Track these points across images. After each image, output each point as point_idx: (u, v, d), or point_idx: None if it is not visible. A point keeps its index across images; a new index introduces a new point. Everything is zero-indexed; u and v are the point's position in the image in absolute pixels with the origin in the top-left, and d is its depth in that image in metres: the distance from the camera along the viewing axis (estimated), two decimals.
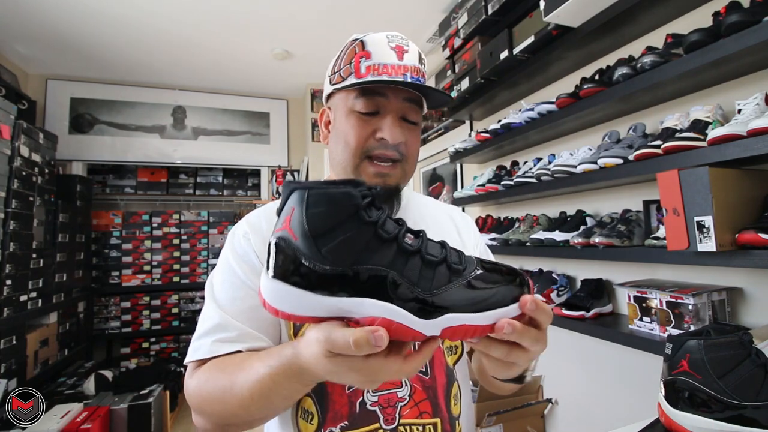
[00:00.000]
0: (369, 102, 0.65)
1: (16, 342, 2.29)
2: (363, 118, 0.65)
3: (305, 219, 0.36)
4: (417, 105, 0.68)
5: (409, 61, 0.65)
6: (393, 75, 0.64)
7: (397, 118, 0.66)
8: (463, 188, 2.33)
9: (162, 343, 3.69)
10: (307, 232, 0.36)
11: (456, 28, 2.21)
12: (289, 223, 0.36)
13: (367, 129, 0.65)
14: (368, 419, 0.59)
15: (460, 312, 0.37)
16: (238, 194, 4.17)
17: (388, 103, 0.65)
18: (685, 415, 0.59)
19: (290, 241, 0.36)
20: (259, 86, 3.79)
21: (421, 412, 0.61)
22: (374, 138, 0.65)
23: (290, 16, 2.59)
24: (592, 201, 1.69)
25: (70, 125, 3.40)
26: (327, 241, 0.36)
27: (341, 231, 0.36)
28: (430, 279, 0.38)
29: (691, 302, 1.12)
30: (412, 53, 0.67)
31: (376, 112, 0.65)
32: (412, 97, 0.66)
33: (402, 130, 0.66)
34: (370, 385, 0.39)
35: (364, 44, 0.65)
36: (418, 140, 0.71)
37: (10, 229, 2.22)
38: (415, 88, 0.65)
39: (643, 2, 1.22)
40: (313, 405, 0.60)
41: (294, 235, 0.36)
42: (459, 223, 0.80)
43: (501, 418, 1.62)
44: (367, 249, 0.37)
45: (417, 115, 0.69)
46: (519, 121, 1.75)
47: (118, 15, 2.52)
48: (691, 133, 1.08)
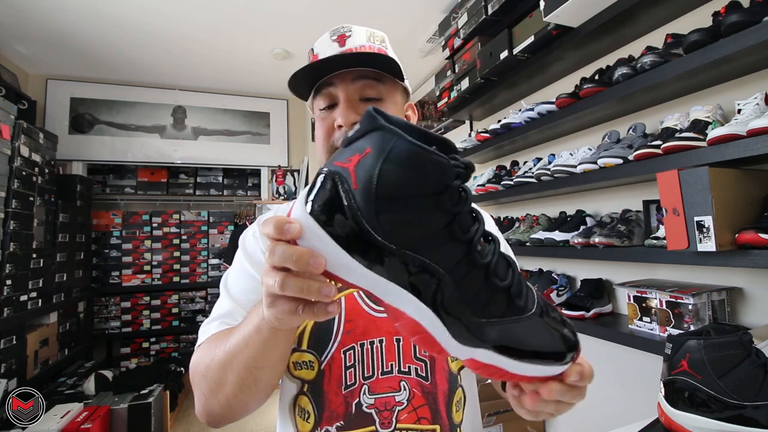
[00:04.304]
0: (323, 97, 0.66)
1: (16, 342, 2.29)
2: (324, 115, 0.66)
3: (377, 172, 0.28)
4: (373, 80, 0.65)
5: (351, 44, 0.66)
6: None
7: (351, 101, 0.64)
8: None
9: (162, 343, 3.69)
10: (373, 188, 0.28)
11: (456, 28, 2.21)
12: (356, 164, 0.29)
13: (328, 122, 0.65)
14: (364, 421, 0.59)
15: (499, 352, 0.33)
16: (238, 194, 4.17)
17: (337, 91, 0.65)
18: (685, 415, 0.59)
19: (348, 185, 0.29)
20: (259, 86, 3.79)
21: (419, 417, 0.60)
22: (335, 129, 0.64)
23: (290, 16, 2.59)
24: (592, 201, 1.69)
25: (70, 125, 3.40)
26: (392, 208, 0.29)
27: (413, 206, 0.29)
28: (485, 303, 0.32)
29: (691, 302, 1.12)
30: (357, 36, 0.67)
31: (334, 104, 0.65)
32: (363, 74, 0.64)
33: (358, 110, 0.63)
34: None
35: (313, 49, 0.69)
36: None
37: (10, 229, 2.22)
38: (351, 62, 0.63)
39: (643, 2, 1.22)
40: (309, 404, 0.60)
41: (355, 181, 0.29)
42: None
43: (501, 418, 1.62)
44: (432, 239, 0.30)
45: (377, 90, 0.65)
46: (519, 121, 1.75)
47: (118, 15, 2.52)
48: (691, 133, 1.08)
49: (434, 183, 0.29)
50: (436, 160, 0.29)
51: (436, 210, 0.30)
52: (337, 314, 0.43)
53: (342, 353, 0.60)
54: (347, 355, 0.60)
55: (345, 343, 0.61)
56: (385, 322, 0.62)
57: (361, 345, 0.61)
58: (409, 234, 0.30)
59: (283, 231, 0.31)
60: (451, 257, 0.31)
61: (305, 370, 0.61)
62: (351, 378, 0.60)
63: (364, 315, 0.62)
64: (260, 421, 2.87)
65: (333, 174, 0.30)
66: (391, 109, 0.67)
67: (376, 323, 0.62)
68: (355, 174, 0.29)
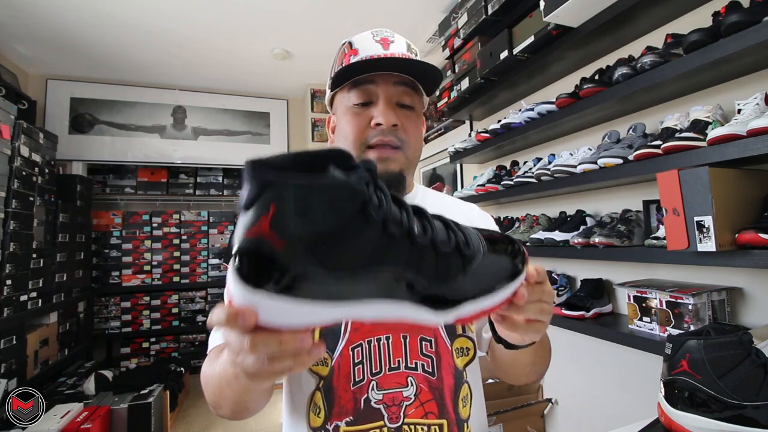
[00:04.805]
0: (361, 92, 0.66)
1: (16, 342, 2.29)
2: (357, 110, 0.67)
3: (292, 226, 0.27)
4: (410, 88, 0.68)
5: (395, 49, 0.68)
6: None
7: (390, 102, 0.66)
8: (463, 188, 2.33)
9: (162, 343, 3.70)
10: (296, 237, 0.27)
11: (456, 28, 2.22)
12: (269, 224, 0.27)
13: (363, 119, 0.66)
14: (372, 416, 0.60)
15: (473, 299, 0.37)
16: (238, 194, 4.17)
17: (378, 90, 0.66)
18: (685, 415, 0.60)
19: (274, 250, 0.27)
20: (259, 86, 3.79)
21: (426, 412, 0.61)
22: (370, 126, 0.66)
23: (290, 16, 2.59)
24: (592, 201, 1.69)
25: (70, 125, 3.40)
26: (325, 248, 0.28)
27: (346, 235, 0.29)
28: (446, 271, 0.35)
29: (691, 302, 1.12)
30: (399, 44, 0.69)
31: (370, 102, 0.67)
32: (404, 80, 0.67)
33: (396, 114, 0.66)
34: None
35: (352, 44, 0.69)
36: (417, 126, 0.71)
37: (10, 229, 2.22)
38: (399, 68, 0.66)
39: (643, 2, 1.22)
40: (321, 399, 0.61)
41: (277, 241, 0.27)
42: (478, 222, 0.78)
43: (501, 418, 1.62)
44: (375, 251, 0.30)
45: (412, 99, 0.69)
46: (519, 121, 1.75)
47: (118, 15, 2.52)
48: (691, 133, 1.08)
49: (352, 206, 0.29)
50: (339, 184, 0.28)
51: (366, 227, 0.30)
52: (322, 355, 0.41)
53: (350, 350, 0.62)
54: (355, 351, 0.62)
55: (353, 340, 0.62)
56: None
57: (369, 342, 0.62)
58: (357, 257, 0.30)
59: (239, 324, 0.29)
60: (400, 254, 0.32)
61: (321, 366, 0.62)
62: (359, 374, 0.61)
63: None
64: (260, 421, 2.87)
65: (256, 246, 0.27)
66: (417, 119, 0.70)
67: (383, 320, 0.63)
68: (272, 237, 0.27)
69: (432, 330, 0.64)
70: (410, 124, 0.68)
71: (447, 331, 0.65)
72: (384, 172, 0.65)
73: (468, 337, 0.67)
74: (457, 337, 0.66)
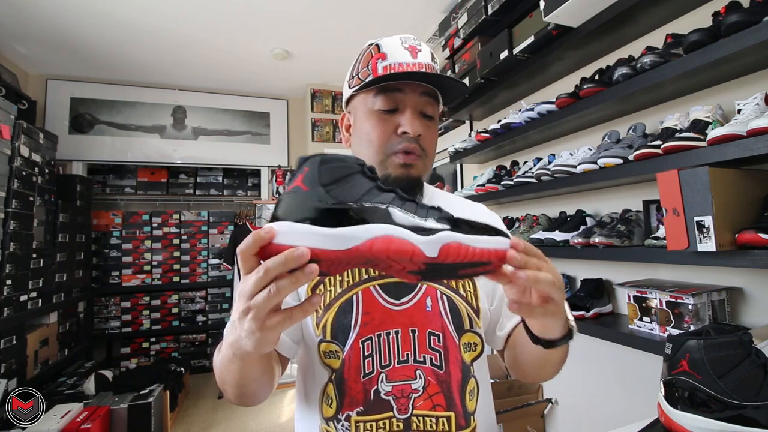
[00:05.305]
0: (388, 99, 0.68)
1: (16, 342, 2.29)
2: (383, 116, 0.69)
3: (317, 174, 0.43)
4: (433, 99, 0.71)
5: (422, 59, 0.70)
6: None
7: (416, 112, 0.69)
8: (463, 188, 2.33)
9: (162, 343, 3.70)
10: (317, 182, 0.43)
11: (456, 28, 2.22)
12: (301, 179, 0.43)
13: (389, 126, 0.68)
14: (382, 407, 0.62)
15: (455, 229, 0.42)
16: (238, 194, 4.17)
17: (406, 99, 0.68)
18: (684, 415, 0.60)
19: (301, 191, 0.43)
20: (259, 86, 3.79)
21: (434, 404, 0.63)
22: (396, 134, 0.68)
23: (290, 16, 2.59)
24: (592, 201, 1.69)
25: (70, 125, 3.40)
26: (335, 187, 0.43)
27: (347, 180, 0.43)
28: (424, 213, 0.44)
29: (691, 302, 1.12)
30: (425, 52, 0.71)
31: (395, 109, 0.69)
32: (428, 91, 0.69)
33: (421, 124, 0.68)
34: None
35: (380, 47, 0.70)
36: (435, 136, 0.74)
37: (10, 229, 2.22)
38: (430, 80, 0.68)
39: (643, 2, 1.22)
40: (333, 390, 0.63)
41: (305, 186, 0.43)
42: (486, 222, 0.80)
43: (501, 418, 1.62)
44: (368, 193, 0.43)
45: (434, 110, 0.71)
46: (519, 121, 1.75)
47: (118, 15, 2.52)
48: (691, 133, 1.08)
49: (354, 166, 0.45)
50: (349, 156, 0.46)
51: (363, 179, 0.44)
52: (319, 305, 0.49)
53: (360, 343, 0.64)
54: (365, 345, 0.64)
55: (363, 334, 0.64)
56: (401, 315, 0.65)
57: (378, 336, 0.64)
58: (353, 194, 0.43)
59: (261, 237, 0.39)
60: (386, 198, 0.43)
61: (332, 359, 0.64)
62: (369, 366, 0.63)
63: (380, 308, 0.65)
64: (260, 421, 2.87)
65: (292, 191, 0.44)
66: (435, 129, 0.74)
67: (392, 316, 0.65)
68: (303, 183, 0.43)
69: (440, 325, 0.66)
70: (430, 134, 0.71)
71: (455, 327, 0.66)
72: (406, 177, 0.68)
73: (476, 332, 0.68)
74: (464, 333, 0.67)
